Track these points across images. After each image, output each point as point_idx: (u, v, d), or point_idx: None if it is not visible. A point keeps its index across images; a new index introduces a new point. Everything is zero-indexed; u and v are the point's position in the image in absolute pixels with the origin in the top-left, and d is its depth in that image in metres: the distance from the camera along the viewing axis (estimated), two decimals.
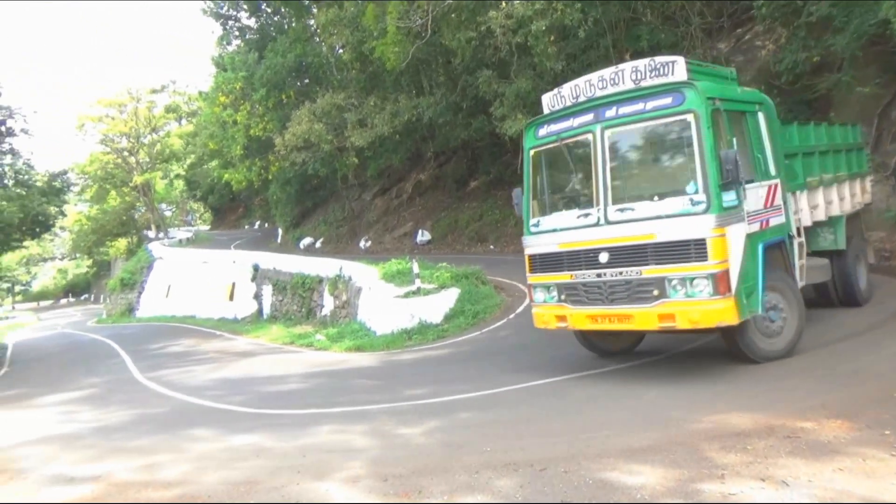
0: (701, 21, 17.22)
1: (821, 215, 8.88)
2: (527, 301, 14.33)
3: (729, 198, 6.81)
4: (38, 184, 25.52)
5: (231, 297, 25.02)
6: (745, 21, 17.89)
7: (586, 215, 7.22)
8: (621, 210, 7.02)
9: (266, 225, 52.15)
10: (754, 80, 14.21)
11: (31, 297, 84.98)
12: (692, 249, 6.62)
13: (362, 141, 23.45)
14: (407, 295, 13.65)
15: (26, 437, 8.17)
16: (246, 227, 56.56)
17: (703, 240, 6.60)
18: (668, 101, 6.96)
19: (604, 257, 7.02)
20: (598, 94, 7.50)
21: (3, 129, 26.22)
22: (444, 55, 23.03)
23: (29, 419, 9.51)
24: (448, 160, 31.83)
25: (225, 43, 33.74)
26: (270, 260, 24.01)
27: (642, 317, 6.81)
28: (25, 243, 31.72)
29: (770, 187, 7.59)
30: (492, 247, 24.66)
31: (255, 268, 24.33)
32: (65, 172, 28.61)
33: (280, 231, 41.72)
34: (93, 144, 56.69)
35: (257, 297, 23.54)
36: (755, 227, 7.15)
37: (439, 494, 4.36)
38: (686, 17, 17.24)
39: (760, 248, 7.12)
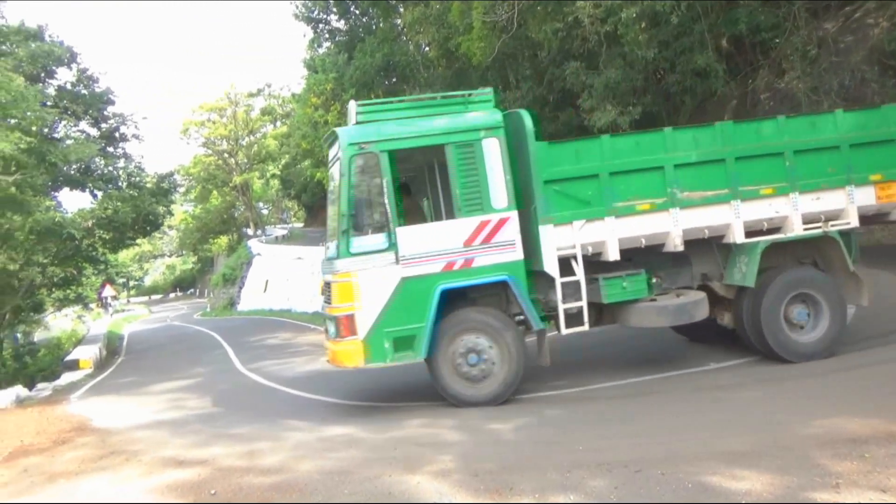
0: None
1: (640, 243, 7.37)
2: None
3: (366, 242, 6.97)
4: (148, 185, 27.21)
5: (323, 292, 25.79)
6: None
7: (327, 249, 7.89)
8: (327, 248, 7.84)
9: None
10: (866, 61, 13.21)
11: (143, 291, 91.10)
12: (329, 292, 7.21)
13: None
14: None
15: (140, 421, 8.75)
16: None
17: (330, 284, 7.11)
18: (335, 148, 7.52)
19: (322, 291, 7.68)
20: None
21: (117, 135, 28.15)
22: (530, 48, 22.76)
23: (142, 405, 10.17)
24: None
25: (316, 45, 34.75)
26: None
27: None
28: (138, 241, 33.89)
29: (483, 223, 7.13)
30: None
31: None
32: (171, 174, 30.35)
33: None
34: (196, 147, 60.10)
35: None
36: (425, 269, 7.01)
37: (530, 492, 4.30)
38: None
39: (435, 291, 6.92)
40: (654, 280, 7.69)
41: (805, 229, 7.41)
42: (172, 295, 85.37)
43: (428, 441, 5.97)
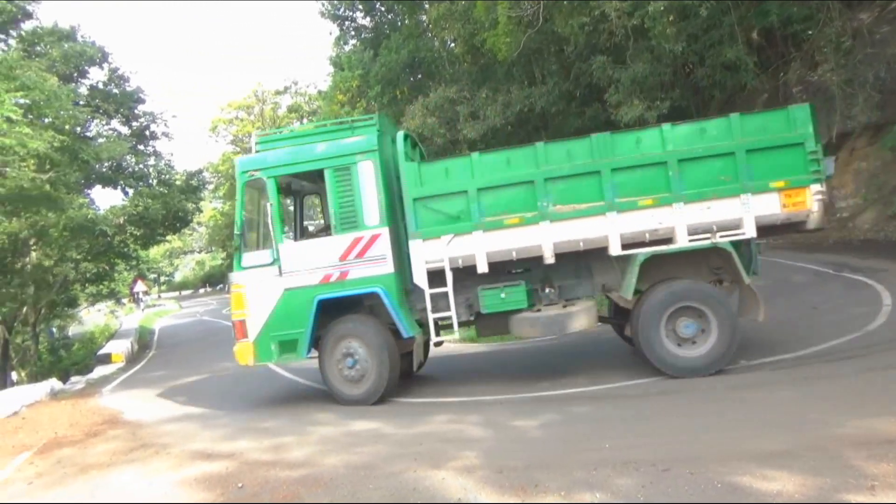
0: None
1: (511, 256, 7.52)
2: None
3: (254, 257, 8.05)
4: (178, 182, 27.63)
5: None
6: None
7: None
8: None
9: None
10: None
11: (174, 286, 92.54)
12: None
13: (475, 133, 23.50)
14: None
15: (169, 414, 8.89)
16: None
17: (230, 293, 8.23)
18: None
19: None
20: None
21: (147, 133, 28.60)
22: (556, 43, 22.58)
23: (171, 398, 10.33)
24: None
25: (342, 43, 34.89)
26: None
27: None
28: (168, 237, 34.40)
29: (357, 239, 7.85)
30: None
31: None
32: (200, 172, 30.72)
33: None
34: (224, 145, 60.74)
35: None
36: (304, 281, 7.88)
37: (556, 490, 4.27)
38: None
39: (313, 301, 7.79)
40: (547, 290, 7.92)
41: (694, 240, 7.19)
42: (202, 290, 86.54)
43: (453, 437, 5.97)
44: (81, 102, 23.73)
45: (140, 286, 46.98)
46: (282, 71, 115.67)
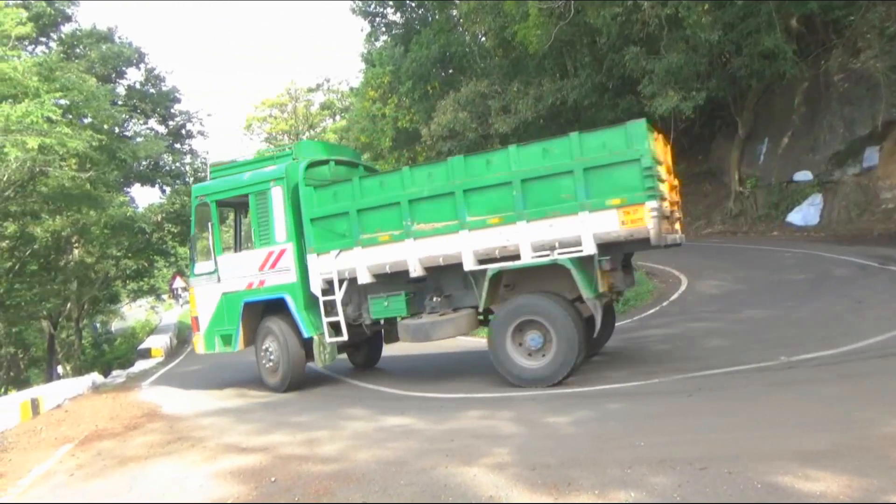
0: None
1: (385, 270, 8.27)
2: (682, 288, 13.58)
3: (202, 267, 9.88)
4: None
5: None
6: None
7: None
8: None
9: None
10: None
11: None
12: None
13: (506, 127, 23.37)
14: None
15: (205, 408, 9.03)
16: None
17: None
18: None
19: None
20: None
21: (183, 132, 29.08)
22: (588, 34, 22.31)
23: (208, 392, 10.50)
24: None
25: (373, 39, 35.01)
26: None
27: None
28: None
29: (270, 253, 9.19)
30: None
31: None
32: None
33: None
34: (258, 143, 61.51)
35: None
36: (234, 287, 9.48)
37: (590, 488, 4.19)
38: None
39: (240, 303, 9.38)
40: (434, 299, 8.43)
41: (536, 257, 7.40)
42: None
43: (485, 433, 5.92)
44: (119, 102, 24.24)
45: (179, 282, 47.91)
46: (314, 68, 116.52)
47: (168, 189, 27.93)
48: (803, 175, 19.96)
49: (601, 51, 22.44)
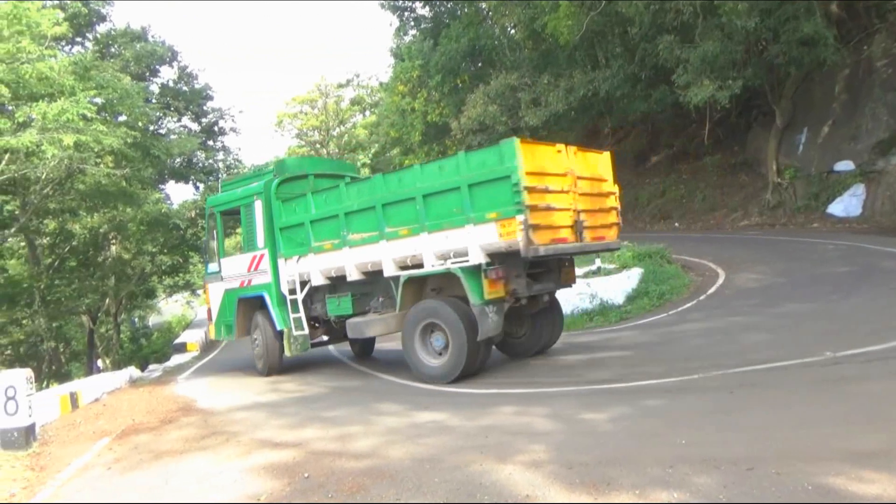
0: None
1: (331, 275, 9.53)
2: (720, 282, 13.27)
3: (212, 267, 11.68)
4: None
5: None
6: None
7: None
8: None
9: None
10: None
11: None
12: None
13: (536, 120, 23.11)
14: (587, 275, 13.26)
15: (240, 402, 9.08)
16: None
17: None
18: None
19: None
20: None
21: (216, 129, 29.40)
22: (619, 24, 21.93)
23: (242, 387, 10.57)
24: (627, 135, 30.45)
25: (402, 34, 34.98)
26: None
27: None
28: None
29: (254, 257, 10.64)
30: (676, 224, 23.24)
31: None
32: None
33: None
34: (289, 139, 62.02)
35: None
36: (232, 285, 11.16)
37: (629, 487, 4.06)
38: None
39: (236, 299, 11.11)
40: (380, 300, 9.43)
41: (435, 265, 8.19)
42: None
43: (520, 430, 5.81)
44: (153, 100, 24.60)
45: None
46: (344, 64, 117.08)
47: (201, 185, 28.30)
48: (845, 165, 19.37)
49: (633, 40, 22.00)
